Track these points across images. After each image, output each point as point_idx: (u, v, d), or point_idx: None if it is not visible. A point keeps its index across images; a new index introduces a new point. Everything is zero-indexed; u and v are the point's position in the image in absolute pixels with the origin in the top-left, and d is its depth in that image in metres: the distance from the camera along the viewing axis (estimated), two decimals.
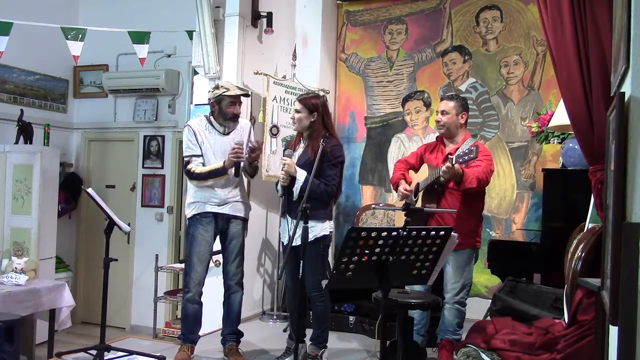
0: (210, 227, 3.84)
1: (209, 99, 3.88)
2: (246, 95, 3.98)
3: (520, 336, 2.84)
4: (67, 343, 4.99)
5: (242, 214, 3.91)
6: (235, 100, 3.82)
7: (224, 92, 3.78)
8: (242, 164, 3.78)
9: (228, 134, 3.85)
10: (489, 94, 5.45)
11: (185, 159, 3.86)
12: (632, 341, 1.36)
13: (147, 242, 6.13)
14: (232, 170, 3.72)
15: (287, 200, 3.76)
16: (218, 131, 3.85)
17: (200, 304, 3.87)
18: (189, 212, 3.86)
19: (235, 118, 3.84)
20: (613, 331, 1.59)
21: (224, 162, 3.71)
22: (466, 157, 3.39)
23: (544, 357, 2.63)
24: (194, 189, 3.85)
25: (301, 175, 3.58)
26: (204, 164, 3.79)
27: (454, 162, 3.42)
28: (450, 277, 3.75)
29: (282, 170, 3.66)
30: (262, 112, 4.99)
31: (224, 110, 3.81)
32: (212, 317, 4.19)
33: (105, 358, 3.77)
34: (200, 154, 3.81)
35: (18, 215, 5.14)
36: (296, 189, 3.59)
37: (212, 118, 3.87)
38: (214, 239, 3.90)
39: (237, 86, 4.06)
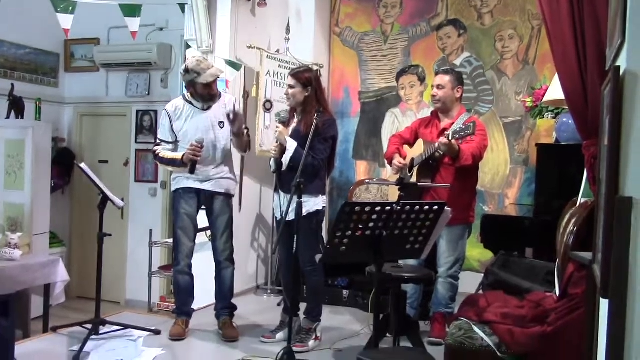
0: (192, 202, 3.86)
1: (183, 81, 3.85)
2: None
3: (512, 309, 2.86)
4: (62, 317, 5.00)
5: (224, 190, 3.90)
6: (210, 83, 3.78)
7: (195, 77, 3.72)
8: (198, 164, 3.70)
9: (208, 109, 3.84)
10: (483, 68, 5.42)
11: (157, 140, 3.93)
12: (622, 313, 1.38)
13: (141, 217, 6.13)
14: (188, 166, 3.67)
15: (280, 176, 3.76)
16: (197, 108, 3.84)
17: (191, 276, 3.90)
18: (172, 186, 3.91)
19: (212, 97, 3.84)
20: (603, 304, 1.61)
21: (182, 156, 3.70)
22: (463, 133, 3.38)
23: (535, 329, 2.66)
24: None
25: (291, 145, 3.58)
26: (173, 151, 3.82)
27: (450, 138, 3.42)
28: (443, 252, 3.77)
29: (275, 137, 3.68)
30: (255, 86, 4.96)
31: (199, 92, 3.80)
32: (206, 291, 4.21)
33: (100, 332, 3.79)
34: (170, 141, 3.84)
35: (11, 191, 5.11)
36: (285, 159, 3.59)
37: (189, 96, 3.85)
38: (197, 213, 3.92)
39: (209, 63, 3.90)
